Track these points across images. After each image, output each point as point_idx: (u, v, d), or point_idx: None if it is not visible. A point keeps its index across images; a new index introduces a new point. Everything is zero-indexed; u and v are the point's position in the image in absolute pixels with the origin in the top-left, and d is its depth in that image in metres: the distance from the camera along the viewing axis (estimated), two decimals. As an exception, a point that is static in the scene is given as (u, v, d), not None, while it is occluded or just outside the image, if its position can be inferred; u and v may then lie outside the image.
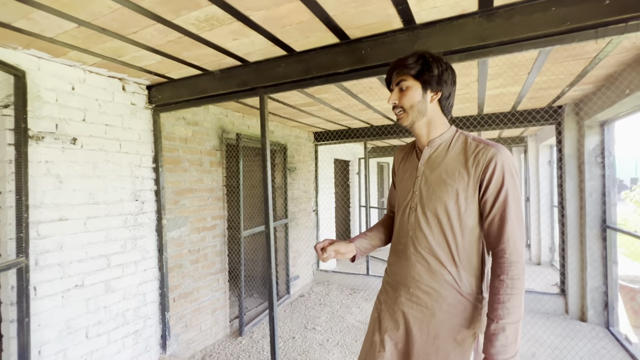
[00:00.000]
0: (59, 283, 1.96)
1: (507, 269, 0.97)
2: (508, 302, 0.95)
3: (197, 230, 2.93)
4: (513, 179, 1.00)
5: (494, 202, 1.00)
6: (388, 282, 1.23)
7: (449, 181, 1.05)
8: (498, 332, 0.94)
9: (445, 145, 1.11)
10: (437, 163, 1.10)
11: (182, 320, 2.76)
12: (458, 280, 1.05)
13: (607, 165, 3.23)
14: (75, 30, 1.61)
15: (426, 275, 1.08)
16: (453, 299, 1.05)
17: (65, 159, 2.01)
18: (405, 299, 1.12)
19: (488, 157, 1.01)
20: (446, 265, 1.06)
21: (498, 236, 1.00)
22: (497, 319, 0.95)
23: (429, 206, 1.08)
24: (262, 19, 1.54)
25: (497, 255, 1.00)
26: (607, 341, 3.01)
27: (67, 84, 2.03)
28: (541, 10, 1.40)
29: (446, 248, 1.06)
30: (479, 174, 1.01)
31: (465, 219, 1.04)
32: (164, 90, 2.46)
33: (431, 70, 1.06)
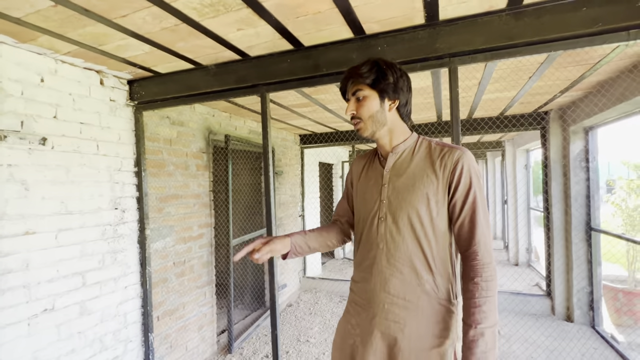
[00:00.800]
0: (24, 308, 1.66)
1: (481, 271, 0.94)
2: (484, 305, 0.91)
3: (182, 240, 2.67)
4: (478, 180, 0.99)
5: (463, 203, 0.98)
6: (356, 302, 1.12)
7: (418, 185, 1.01)
8: (477, 338, 0.89)
9: (409, 150, 1.08)
10: (403, 169, 1.06)
11: (167, 340, 2.49)
12: (435, 287, 1.00)
13: (591, 170, 3.34)
14: (50, 10, 1.36)
15: (402, 289, 1.01)
16: (431, 309, 0.99)
17: (33, 162, 1.72)
18: (381, 319, 1.02)
19: (455, 158, 0.99)
20: (423, 274, 1.00)
21: (469, 238, 0.97)
22: (474, 324, 0.91)
23: (399, 214, 1.02)
24: (275, 7, 1.38)
25: (469, 258, 0.97)
26: (595, 340, 3.09)
27: (35, 74, 1.75)
28: (572, 10, 1.36)
29: (422, 256, 1.00)
30: (448, 176, 0.99)
31: (438, 223, 1.00)
32: (149, 85, 2.21)
33: (386, 78, 1.02)
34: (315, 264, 5.34)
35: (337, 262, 6.33)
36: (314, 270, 5.25)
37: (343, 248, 6.75)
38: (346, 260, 6.49)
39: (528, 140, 5.26)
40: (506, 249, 6.57)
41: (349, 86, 1.06)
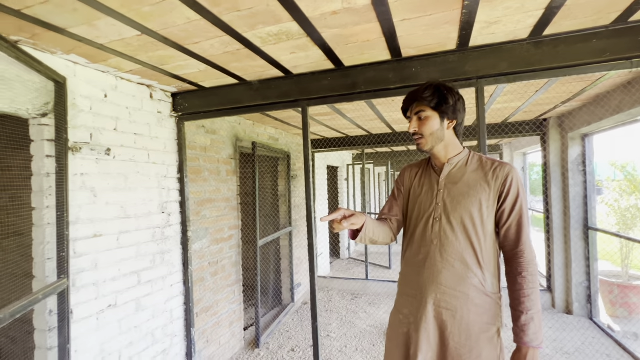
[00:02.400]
0: (94, 304, 1.83)
1: (527, 266, 1.12)
2: (532, 295, 1.10)
3: (216, 242, 2.85)
4: (524, 191, 1.18)
5: (512, 210, 1.16)
6: (407, 294, 1.28)
7: (472, 192, 1.19)
8: (529, 322, 1.07)
9: (462, 163, 1.25)
10: (458, 178, 1.23)
11: (204, 335, 2.66)
12: (483, 281, 1.16)
13: (588, 173, 3.62)
14: (133, 39, 1.54)
15: (453, 280, 1.17)
16: (480, 299, 1.15)
17: (100, 170, 1.89)
18: (435, 306, 1.18)
19: (506, 172, 1.17)
20: (473, 269, 1.16)
21: (517, 240, 1.15)
22: (526, 310, 1.09)
23: (454, 215, 1.19)
24: (332, 37, 1.59)
25: (517, 256, 1.15)
26: (593, 330, 3.36)
27: (100, 91, 1.92)
28: (583, 42, 1.59)
29: (472, 252, 1.17)
30: (499, 187, 1.17)
31: (487, 225, 1.18)
32: (192, 98, 2.39)
33: (447, 102, 1.20)
34: (325, 263, 5.54)
35: (343, 262, 6.53)
36: (324, 269, 5.44)
37: (349, 248, 6.97)
38: (351, 260, 6.70)
39: (525, 145, 5.55)
40: (504, 247, 6.85)
41: (413, 106, 1.24)
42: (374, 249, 7.51)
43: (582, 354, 2.94)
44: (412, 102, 1.24)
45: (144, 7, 1.28)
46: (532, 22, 1.49)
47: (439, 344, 1.18)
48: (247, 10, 1.33)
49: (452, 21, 1.47)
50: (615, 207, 3.92)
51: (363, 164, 5.44)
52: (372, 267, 5.86)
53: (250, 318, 3.81)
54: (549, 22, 1.49)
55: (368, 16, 1.40)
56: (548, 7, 1.36)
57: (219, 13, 1.34)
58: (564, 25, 1.53)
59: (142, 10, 1.30)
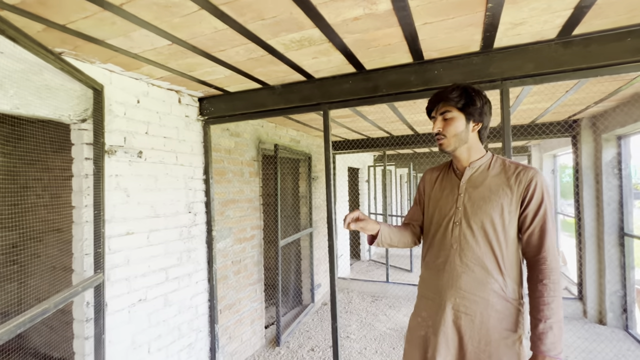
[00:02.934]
0: (126, 298, 1.94)
1: (549, 274, 1.09)
2: (552, 303, 1.06)
3: (239, 241, 2.93)
4: (549, 196, 1.14)
5: (535, 215, 1.13)
6: (426, 297, 1.28)
7: (494, 197, 1.16)
8: (547, 331, 1.04)
9: (485, 166, 1.23)
10: (479, 182, 1.21)
11: (227, 332, 2.75)
12: (504, 287, 1.14)
13: (624, 176, 3.43)
14: (165, 48, 1.63)
15: (473, 285, 1.15)
16: (500, 305, 1.13)
17: (132, 172, 2.00)
18: (453, 310, 1.17)
19: (529, 177, 1.14)
20: (493, 274, 1.14)
21: (539, 246, 1.12)
22: (544, 319, 1.05)
23: (474, 220, 1.17)
24: (353, 41, 1.61)
25: (539, 262, 1.11)
26: (629, 343, 3.18)
27: (133, 97, 2.03)
28: (617, 40, 1.53)
29: (492, 258, 1.15)
30: (522, 191, 1.14)
31: (509, 230, 1.15)
32: (217, 102, 2.48)
33: (475, 104, 1.19)
34: (345, 265, 5.54)
35: (364, 264, 6.51)
36: (344, 271, 5.45)
37: (369, 250, 6.94)
38: (372, 262, 6.66)
39: (555, 146, 5.33)
40: (532, 253, 6.59)
41: (440, 106, 1.21)
42: (394, 251, 7.43)
43: (616, 367, 2.80)
44: (438, 102, 1.22)
45: (174, 18, 1.36)
46: (560, 22, 1.45)
47: (458, 348, 1.18)
48: (271, 18, 1.38)
49: (475, 23, 1.45)
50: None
51: (384, 165, 5.41)
52: (392, 270, 5.81)
53: (271, 317, 3.88)
54: (578, 22, 1.44)
55: (389, 21, 1.41)
56: (577, 6, 1.32)
57: (244, 22, 1.40)
58: (594, 25, 1.48)
59: (173, 21, 1.37)
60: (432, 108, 1.26)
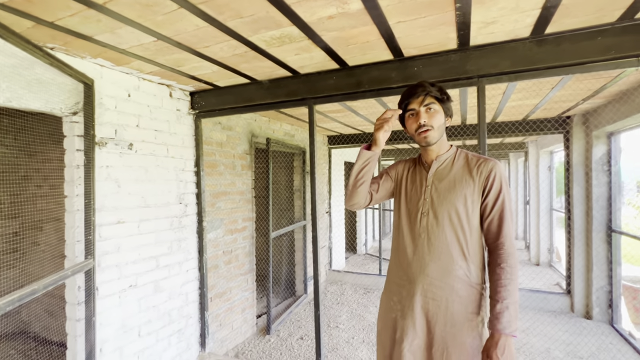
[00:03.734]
0: (117, 283, 2.03)
1: (507, 258, 1.17)
2: (509, 285, 1.15)
3: (230, 232, 3.02)
4: (507, 185, 1.23)
5: (494, 203, 1.21)
6: (397, 283, 1.34)
7: (458, 187, 1.24)
8: (503, 311, 1.13)
9: (450, 160, 1.31)
10: (444, 174, 1.29)
11: (217, 319, 2.85)
12: (468, 273, 1.21)
13: (613, 173, 3.46)
14: (151, 44, 1.69)
15: (439, 272, 1.22)
16: (464, 290, 1.20)
17: (123, 163, 2.08)
18: (422, 296, 1.24)
19: (489, 168, 1.23)
20: (458, 261, 1.21)
21: (498, 232, 1.21)
22: (501, 300, 1.14)
23: (440, 210, 1.25)
24: (332, 39, 1.66)
25: (497, 248, 1.20)
26: (613, 337, 3.24)
27: (124, 91, 2.10)
28: (588, 39, 1.57)
29: (457, 245, 1.22)
30: (483, 181, 1.23)
31: (472, 219, 1.23)
32: (208, 97, 2.55)
33: (450, 100, 1.29)
34: (340, 258, 5.63)
35: (359, 258, 6.60)
36: (339, 263, 5.54)
37: (365, 244, 7.02)
38: (368, 256, 6.75)
39: (552, 142, 5.33)
40: (527, 248, 6.65)
41: (425, 99, 1.24)
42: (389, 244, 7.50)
43: (597, 359, 2.86)
44: (423, 94, 1.24)
45: (157, 16, 1.42)
46: (531, 22, 1.49)
47: (426, 331, 1.25)
48: (249, 16, 1.43)
49: (447, 22, 1.50)
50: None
51: (379, 160, 5.45)
52: (386, 263, 5.89)
53: (263, 306, 3.98)
54: (548, 21, 1.48)
55: (363, 19, 1.46)
56: (544, 6, 1.36)
57: (223, 20, 1.46)
58: (565, 24, 1.52)
59: (156, 19, 1.44)
60: (413, 100, 1.26)
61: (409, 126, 1.30)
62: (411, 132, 1.31)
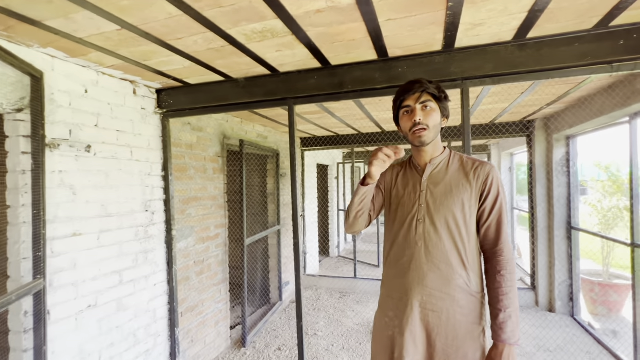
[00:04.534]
0: (73, 304, 1.79)
1: (506, 265, 1.14)
2: (510, 293, 1.11)
3: (202, 240, 2.81)
4: (503, 190, 1.20)
5: (492, 209, 1.17)
6: (392, 296, 1.26)
7: (455, 192, 1.18)
8: (506, 320, 1.09)
9: (444, 163, 1.24)
10: (440, 178, 1.23)
11: (189, 335, 2.63)
12: (468, 281, 1.16)
13: (571, 174, 3.69)
14: (113, 33, 1.50)
15: (439, 282, 1.16)
16: (465, 300, 1.16)
17: (79, 168, 1.84)
18: (421, 309, 1.17)
19: (486, 172, 1.19)
20: (457, 270, 1.16)
21: (496, 238, 1.17)
22: (504, 308, 1.10)
23: (437, 216, 1.18)
24: (317, 35, 1.57)
25: (496, 254, 1.16)
26: (574, 328, 3.44)
27: (80, 86, 1.87)
28: (566, 45, 1.61)
29: (456, 253, 1.17)
30: (480, 186, 1.18)
31: (470, 225, 1.18)
32: (177, 95, 2.35)
33: (448, 99, 1.22)
34: (314, 262, 5.54)
35: (333, 261, 6.55)
36: (313, 268, 5.44)
37: (338, 247, 6.98)
38: (341, 259, 6.71)
39: (513, 145, 5.63)
40: (491, 246, 6.94)
41: (422, 96, 1.15)
42: (362, 247, 7.54)
43: (564, 351, 3.01)
44: (420, 91, 1.16)
45: (122, 0, 1.25)
46: (516, 25, 1.51)
47: (426, 345, 1.18)
48: (229, 6, 1.30)
49: (437, 22, 1.47)
50: (598, 208, 4.00)
51: (353, 162, 5.45)
52: (360, 266, 5.88)
53: (237, 317, 3.78)
54: (532, 25, 1.50)
55: (353, 15, 1.39)
56: (531, 10, 1.37)
57: (200, 9, 1.31)
58: (547, 29, 1.55)
59: (121, 3, 1.26)
60: (409, 97, 1.18)
61: (403, 124, 1.22)
62: (405, 131, 1.23)
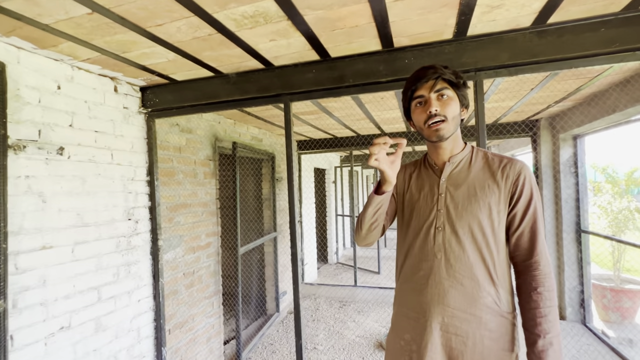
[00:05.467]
0: (42, 327, 1.58)
1: (543, 280, 0.96)
2: (550, 315, 0.93)
3: (191, 250, 2.61)
4: (537, 192, 1.01)
5: (524, 214, 0.99)
6: (408, 316, 1.09)
7: (480, 195, 1.01)
8: (547, 348, 0.91)
9: (466, 161, 1.08)
10: (461, 179, 1.06)
11: (178, 353, 2.42)
12: (497, 300, 0.99)
13: (580, 175, 3.55)
14: (84, 18, 1.32)
15: (463, 301, 0.99)
16: (494, 322, 0.98)
17: (50, 172, 1.64)
18: (442, 332, 1.01)
19: (517, 170, 1.01)
20: (484, 286, 0.99)
21: (530, 249, 0.99)
22: (543, 333, 0.92)
23: (459, 223, 1.02)
24: (315, 20, 1.40)
25: (531, 268, 0.98)
26: (587, 337, 3.26)
27: (52, 81, 1.68)
28: (591, 31, 1.46)
29: (483, 267, 0.99)
30: (510, 187, 1.00)
31: (499, 233, 1.01)
32: (163, 93, 2.16)
33: (467, 86, 1.05)
34: (312, 269, 5.34)
35: (331, 267, 6.34)
36: (311, 276, 5.24)
37: (337, 253, 6.78)
38: (340, 265, 6.51)
39: (514, 146, 5.51)
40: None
41: (437, 83, 1.00)
42: (362, 253, 7.35)
43: (579, 362, 2.83)
44: (434, 77, 0.99)
45: (89, -25, 1.07)
46: (538, 7, 1.35)
47: None
48: (215, -17, 1.13)
49: (450, 4, 1.30)
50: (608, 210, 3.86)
51: (351, 166, 5.28)
52: (360, 273, 5.69)
53: (231, 330, 3.57)
54: (556, 7, 1.34)
55: (357, -6, 1.22)
56: (558, -13, 1.21)
57: (181, -14, 1.14)
58: (571, 12, 1.39)
59: (87, -21, 1.08)
60: (422, 85, 1.01)
61: (416, 118, 1.05)
62: (419, 126, 1.05)
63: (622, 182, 4.19)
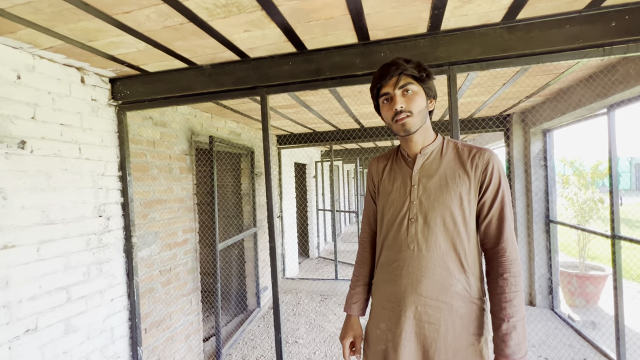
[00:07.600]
0: (5, 330, 1.50)
1: (509, 266, 0.99)
2: (515, 300, 0.97)
3: (168, 247, 2.55)
4: (505, 180, 1.05)
5: (492, 202, 1.03)
6: (383, 306, 1.12)
7: (451, 185, 1.04)
8: (510, 331, 0.95)
9: (437, 152, 1.11)
10: (433, 169, 1.09)
11: (155, 353, 2.36)
12: (468, 287, 1.03)
13: (548, 167, 3.71)
14: (43, 3, 1.24)
15: (435, 290, 1.03)
16: (465, 308, 1.02)
17: (11, 168, 1.55)
18: (416, 320, 1.03)
19: (485, 159, 1.04)
20: (455, 274, 1.03)
21: (498, 236, 1.02)
22: (507, 318, 0.96)
23: (431, 214, 1.05)
24: (290, 11, 1.38)
25: (498, 254, 1.02)
26: (555, 321, 3.45)
27: (10, 71, 1.58)
28: (557, 27, 1.51)
29: (455, 256, 1.03)
30: (479, 176, 1.04)
31: (469, 222, 1.04)
32: (134, 84, 2.08)
33: (431, 78, 1.07)
34: (293, 264, 5.34)
35: (313, 262, 6.37)
36: (292, 270, 5.24)
37: (318, 247, 6.81)
38: (321, 260, 6.55)
39: (489, 140, 5.68)
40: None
41: (400, 79, 1.02)
42: (343, 247, 7.42)
43: (547, 345, 2.99)
44: (397, 74, 1.01)
45: (46, -44, 1.00)
46: (507, 3, 1.38)
47: None
48: (184, -31, 1.09)
49: (424, -3, 1.32)
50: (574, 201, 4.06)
51: (331, 160, 5.29)
52: (341, 266, 5.74)
53: (211, 327, 3.52)
54: (524, 3, 1.38)
55: (331, -15, 1.21)
56: (525, -16, 1.25)
57: (148, -29, 1.09)
58: (538, 8, 1.44)
59: (45, -40, 1.02)
60: (386, 83, 1.04)
61: (384, 114, 1.09)
62: (387, 122, 1.09)
63: (588, 174, 4.41)
